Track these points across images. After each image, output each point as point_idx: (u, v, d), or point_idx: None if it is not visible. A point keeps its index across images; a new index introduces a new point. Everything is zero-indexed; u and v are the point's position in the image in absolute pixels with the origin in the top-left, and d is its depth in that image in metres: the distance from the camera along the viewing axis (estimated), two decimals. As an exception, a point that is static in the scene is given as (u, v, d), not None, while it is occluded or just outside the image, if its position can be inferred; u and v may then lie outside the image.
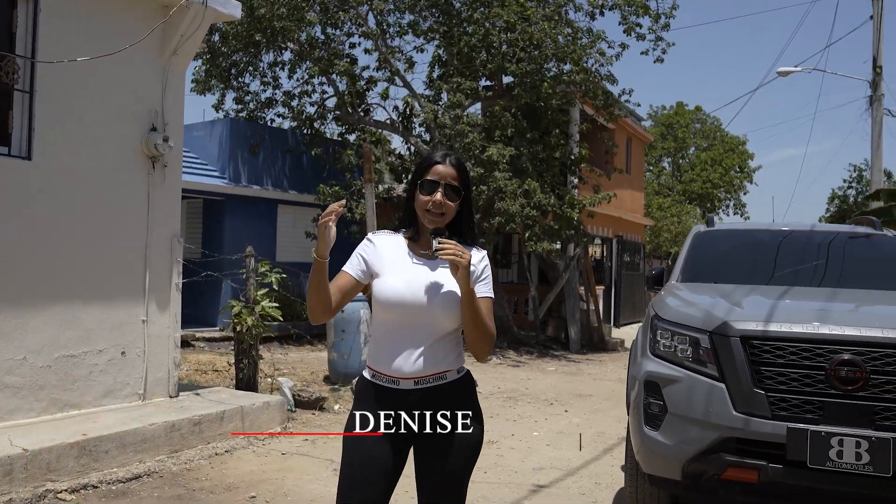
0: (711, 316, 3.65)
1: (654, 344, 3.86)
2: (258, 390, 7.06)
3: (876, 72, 16.53)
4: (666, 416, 3.60)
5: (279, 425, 6.26)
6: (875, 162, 16.92)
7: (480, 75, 13.64)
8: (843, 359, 3.27)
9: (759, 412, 3.34)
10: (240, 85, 15.09)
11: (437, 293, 2.25)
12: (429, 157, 2.35)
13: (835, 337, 3.32)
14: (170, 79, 6.16)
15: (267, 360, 8.22)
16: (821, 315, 3.58)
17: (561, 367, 11.65)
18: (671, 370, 3.66)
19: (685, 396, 3.55)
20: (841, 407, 3.25)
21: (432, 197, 2.27)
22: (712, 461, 3.41)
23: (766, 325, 3.47)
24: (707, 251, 5.21)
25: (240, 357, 7.05)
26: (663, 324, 3.84)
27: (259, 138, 14.17)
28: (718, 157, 37.81)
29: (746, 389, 3.37)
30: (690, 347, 3.63)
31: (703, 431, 3.45)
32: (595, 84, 13.22)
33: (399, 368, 2.24)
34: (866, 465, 3.15)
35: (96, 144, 5.66)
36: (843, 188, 32.81)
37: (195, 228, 13.73)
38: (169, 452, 5.30)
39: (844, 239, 5.12)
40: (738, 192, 38.86)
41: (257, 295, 7.15)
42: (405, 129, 14.20)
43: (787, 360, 3.37)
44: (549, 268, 14.72)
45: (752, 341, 3.44)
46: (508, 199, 12.00)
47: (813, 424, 3.25)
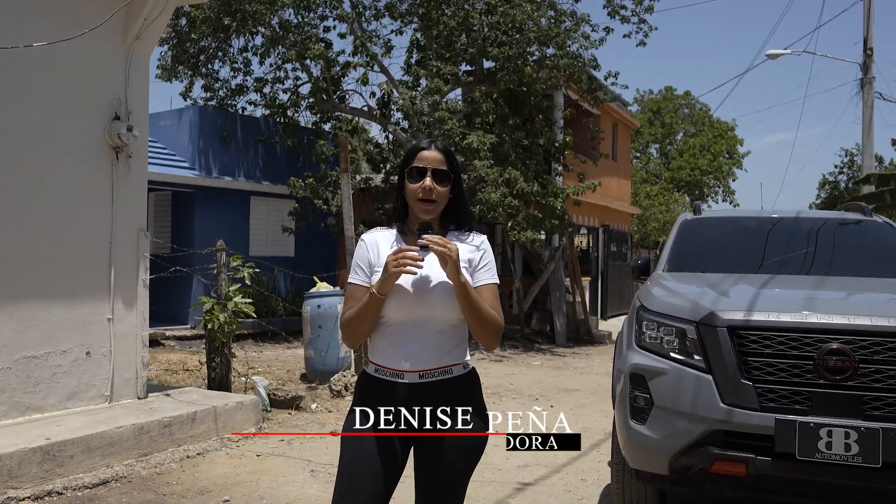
0: (698, 306, 3.68)
1: (639, 335, 3.88)
2: (231, 390, 7.03)
3: (867, 54, 16.70)
4: (652, 410, 3.62)
5: (254, 426, 6.24)
6: (866, 146, 17.11)
7: (460, 60, 13.61)
8: (831, 348, 3.30)
9: (746, 404, 3.37)
10: (209, 72, 14.96)
11: (436, 285, 2.26)
12: (414, 146, 2.38)
13: (823, 326, 3.36)
14: (133, 65, 6.09)
15: (240, 358, 8.18)
16: (809, 303, 3.61)
17: (546, 361, 11.71)
18: (657, 362, 3.68)
19: (672, 389, 3.58)
20: (829, 397, 3.28)
21: (422, 183, 2.30)
22: (700, 455, 3.44)
23: (754, 315, 3.50)
24: (694, 240, 5.23)
25: (212, 355, 7.01)
26: (649, 315, 3.86)
27: (230, 127, 14.06)
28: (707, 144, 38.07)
29: (734, 381, 3.41)
30: (677, 338, 3.66)
31: (690, 424, 3.47)
32: (579, 68, 13.24)
33: (403, 362, 2.27)
34: (855, 455, 3.19)
35: (55, 134, 5.58)
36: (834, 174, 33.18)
37: (164, 222, 13.62)
38: (138, 456, 5.26)
39: (834, 225, 5.18)
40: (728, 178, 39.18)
41: (229, 290, 7.11)
42: (383, 117, 14.15)
43: (775, 350, 3.40)
44: (533, 259, 14.76)
45: (739, 331, 3.47)
46: (490, 187, 12.00)
47: (801, 415, 3.28)
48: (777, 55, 17.88)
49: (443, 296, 2.25)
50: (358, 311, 2.26)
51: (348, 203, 8.63)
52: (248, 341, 12.02)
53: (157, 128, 13.46)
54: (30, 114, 5.42)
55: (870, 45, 16.64)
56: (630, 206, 22.88)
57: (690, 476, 3.50)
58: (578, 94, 14.66)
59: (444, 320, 2.28)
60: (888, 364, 3.26)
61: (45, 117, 5.51)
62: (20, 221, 5.36)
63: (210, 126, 13.83)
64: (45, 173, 5.52)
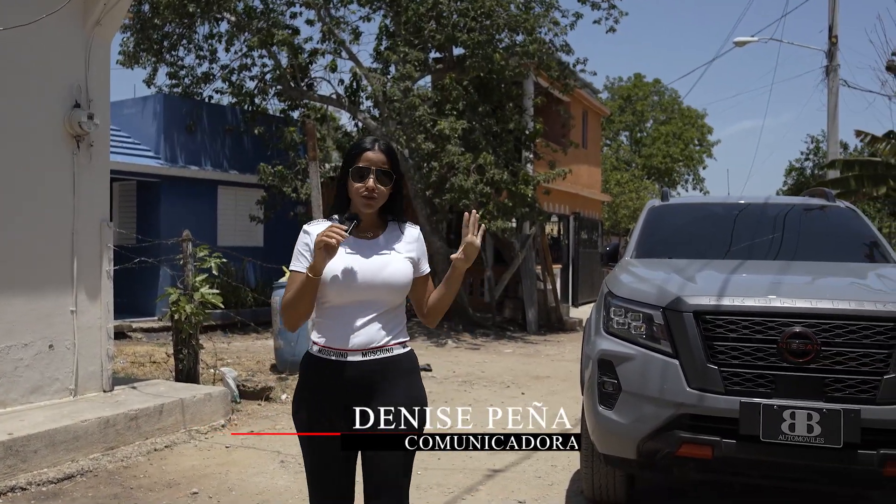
0: (665, 292, 3.73)
1: (607, 321, 3.93)
2: (200, 382, 6.99)
3: (832, 42, 16.95)
4: (620, 395, 3.68)
5: (223, 417, 6.21)
6: (831, 132, 17.40)
7: (430, 47, 13.56)
8: (794, 331, 3.38)
9: (712, 387, 3.44)
10: (173, 59, 14.73)
11: (380, 272, 2.44)
12: (358, 145, 2.50)
13: (786, 310, 3.43)
14: (94, 51, 5.97)
15: (209, 349, 8.11)
16: (773, 288, 3.68)
17: (518, 348, 11.78)
18: (625, 348, 3.74)
19: (639, 374, 3.64)
20: (793, 380, 3.36)
21: (365, 183, 2.45)
22: (667, 438, 3.51)
23: (719, 300, 3.56)
24: (661, 226, 5.30)
25: (179, 347, 6.96)
26: (616, 300, 3.91)
27: (196, 115, 13.89)
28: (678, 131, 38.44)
29: (700, 365, 3.47)
30: (644, 324, 3.72)
31: (657, 409, 3.54)
32: (549, 55, 13.26)
33: (347, 341, 2.41)
34: (818, 437, 3.27)
35: (13, 123, 5.47)
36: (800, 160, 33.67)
37: (129, 212, 13.45)
38: (104, 450, 5.21)
39: (799, 211, 5.27)
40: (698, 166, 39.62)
41: (196, 281, 7.04)
42: (352, 104, 14.07)
43: (740, 334, 3.47)
44: (504, 247, 14.81)
45: (704, 316, 3.53)
46: (461, 174, 12.01)
47: (765, 398, 3.36)
48: (744, 42, 18.10)
49: (387, 281, 2.43)
50: (295, 292, 2.40)
51: (317, 191, 8.57)
52: (217, 332, 11.93)
53: (120, 116, 13.25)
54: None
55: (835, 33, 16.90)
56: (601, 193, 23.03)
57: (658, 460, 3.57)
58: (549, 82, 14.69)
59: (386, 303, 2.45)
60: (849, 346, 3.34)
61: (1, 105, 5.39)
62: (-22, 212, 5.25)
63: (175, 114, 13.65)
64: (2, 163, 5.40)
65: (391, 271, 2.45)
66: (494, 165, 12.37)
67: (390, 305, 2.46)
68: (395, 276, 2.45)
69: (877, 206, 23.34)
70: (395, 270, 2.45)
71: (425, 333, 12.69)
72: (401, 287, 2.46)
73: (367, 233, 2.52)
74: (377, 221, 2.56)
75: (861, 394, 3.29)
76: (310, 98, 14.38)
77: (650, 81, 41.00)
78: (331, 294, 2.42)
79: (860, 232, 5.00)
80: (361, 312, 2.42)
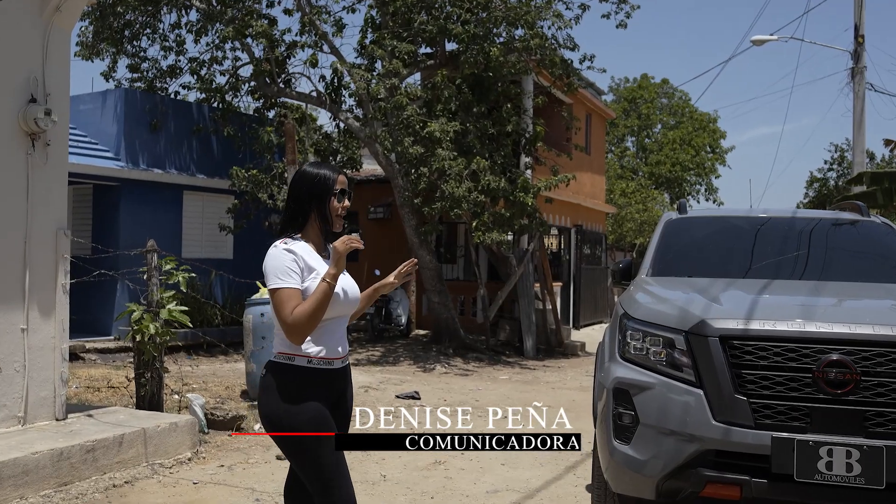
0: (687, 314, 3.73)
1: (623, 346, 3.92)
2: (164, 409, 6.92)
3: (858, 41, 17.13)
4: (638, 428, 3.66)
5: (189, 450, 6.14)
6: (857, 141, 17.53)
7: (419, 40, 13.59)
8: (831, 359, 3.37)
9: (740, 421, 3.42)
10: (135, 50, 14.70)
11: (355, 288, 3.11)
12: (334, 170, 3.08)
13: (823, 335, 3.42)
14: (52, 41, 5.94)
15: (173, 373, 8.05)
16: (807, 311, 3.68)
17: (515, 375, 11.75)
18: (643, 375, 3.73)
19: (659, 405, 3.63)
20: (829, 413, 3.36)
21: (343, 203, 3.06)
22: (690, 477, 3.49)
23: (748, 324, 3.55)
24: (679, 241, 5.31)
25: (141, 371, 6.88)
26: (633, 323, 3.90)
27: (160, 113, 13.83)
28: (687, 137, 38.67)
29: (727, 396, 3.46)
30: (664, 349, 3.71)
31: (679, 444, 3.52)
32: (551, 51, 13.31)
33: (334, 351, 2.99)
34: (857, 476, 3.26)
35: (-38, 119, 5.42)
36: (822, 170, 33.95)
37: (84, 219, 13.34)
38: (56, 486, 5.13)
39: (830, 226, 5.29)
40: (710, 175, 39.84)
41: (162, 297, 6.98)
42: (333, 103, 14.07)
43: (771, 361, 3.46)
44: (499, 262, 14.81)
45: (732, 341, 3.52)
46: (453, 181, 12.00)
47: (800, 433, 3.35)
48: (763, 41, 18.26)
49: (356, 295, 3.10)
50: (317, 304, 2.83)
51: (296, 199, 8.54)
52: (181, 354, 11.83)
53: (76, 112, 13.16)
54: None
55: (861, 32, 17.08)
56: (605, 204, 23.12)
57: (680, 500, 3.55)
58: (550, 81, 14.75)
59: (350, 315, 3.13)
60: (892, 376, 3.34)
61: (-51, 99, 5.34)
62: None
63: (137, 111, 13.59)
64: (-51, 163, 5.35)
65: (357, 289, 3.13)
66: (490, 171, 12.38)
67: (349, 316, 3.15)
68: (357, 289, 3.13)
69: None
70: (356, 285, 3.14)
71: (412, 358, 12.65)
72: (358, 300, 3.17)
73: (324, 252, 3.06)
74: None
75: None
76: (287, 96, 14.37)
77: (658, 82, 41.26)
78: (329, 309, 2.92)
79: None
80: (340, 325, 3.05)
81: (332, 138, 14.59)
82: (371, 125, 12.88)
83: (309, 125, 14.52)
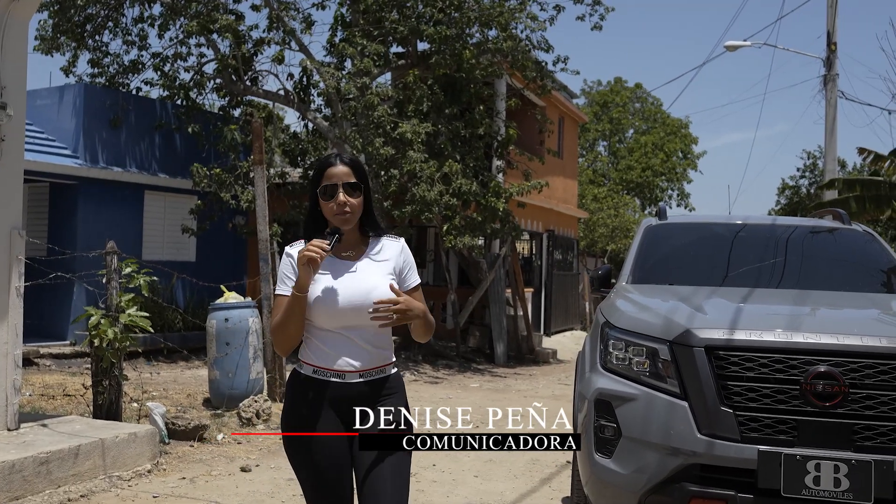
0: (671, 323, 3.70)
1: (605, 356, 3.88)
2: (122, 419, 6.75)
3: (830, 49, 17.37)
4: (620, 441, 3.63)
5: (149, 461, 5.99)
6: (829, 148, 17.77)
7: (391, 40, 13.52)
8: (818, 371, 3.35)
9: (726, 434, 3.39)
10: (97, 44, 14.46)
11: (369, 293, 2.68)
12: (321, 163, 2.78)
13: (810, 346, 3.41)
14: (9, 32, 5.76)
15: (133, 380, 7.85)
16: (793, 321, 3.67)
17: (486, 382, 11.70)
18: (626, 387, 3.69)
19: (642, 417, 3.59)
20: (817, 426, 3.33)
21: (335, 200, 2.70)
22: (674, 492, 3.45)
23: (733, 333, 3.53)
24: (660, 247, 5.29)
25: (99, 378, 6.71)
26: (616, 332, 3.87)
27: (121, 109, 13.59)
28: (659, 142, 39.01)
29: (712, 408, 3.42)
30: (648, 360, 3.68)
31: (662, 458, 3.49)
32: (525, 53, 13.31)
33: (345, 363, 2.70)
34: (846, 491, 3.24)
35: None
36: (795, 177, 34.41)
37: (40, 219, 13.07)
38: (8, 500, 4.96)
39: (812, 234, 5.32)
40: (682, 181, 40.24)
41: (122, 301, 6.82)
42: (301, 102, 13.94)
43: (758, 373, 3.43)
44: (470, 267, 14.77)
45: (717, 352, 3.49)
46: (424, 184, 11.94)
47: (787, 447, 3.33)
48: (736, 46, 18.47)
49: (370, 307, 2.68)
50: (283, 314, 2.69)
51: (262, 199, 8.43)
52: (141, 360, 11.61)
53: (32, 108, 12.86)
54: None
55: (833, 40, 17.33)
56: (577, 209, 23.20)
57: (663, 516, 3.50)
58: (523, 83, 14.76)
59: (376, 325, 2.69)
60: (880, 389, 3.32)
61: None
62: None
63: (97, 107, 13.34)
64: None
65: (378, 295, 2.67)
66: (462, 175, 12.35)
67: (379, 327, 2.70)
68: (382, 295, 2.67)
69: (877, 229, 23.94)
70: (382, 294, 2.67)
71: (381, 364, 12.54)
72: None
73: (349, 252, 2.77)
74: (357, 238, 2.82)
75: (894, 443, 3.26)
76: (254, 94, 14.23)
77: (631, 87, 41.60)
78: (323, 318, 2.69)
79: (879, 258, 5.04)
80: (356, 333, 2.70)
81: (301, 138, 14.45)
82: (340, 125, 12.77)
83: (276, 124, 14.38)
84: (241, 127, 13.56)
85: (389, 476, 2.69)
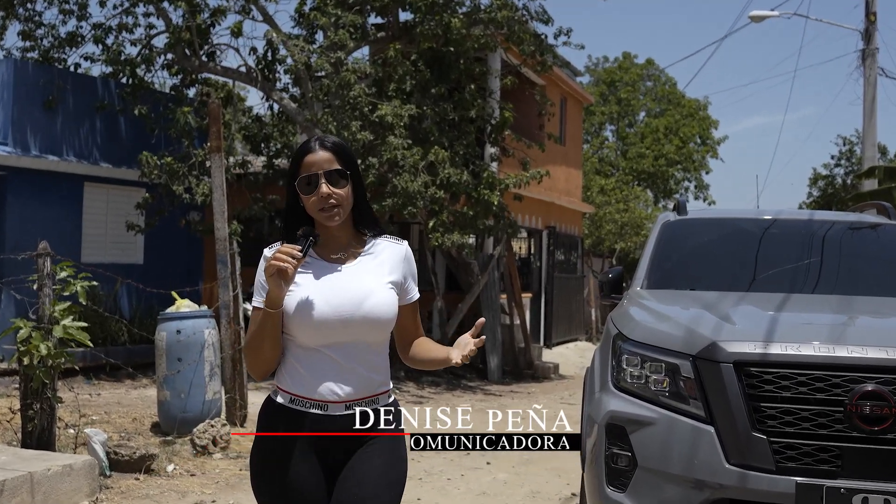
0: (694, 335, 3.70)
1: (617, 373, 3.89)
2: (56, 448, 6.70)
3: (869, 20, 17.46)
4: (635, 472, 3.63)
5: (87, 497, 5.94)
6: (867, 132, 17.88)
7: (369, 9, 13.50)
8: (866, 390, 3.35)
9: (759, 464, 3.40)
10: (28, 13, 14.38)
11: (360, 307, 2.54)
12: (298, 150, 2.64)
13: (856, 361, 3.41)
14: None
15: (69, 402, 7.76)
16: (835, 332, 3.67)
17: (477, 402, 11.69)
18: (642, 409, 3.69)
19: (661, 444, 3.60)
20: (864, 454, 3.34)
21: (317, 193, 2.55)
22: (699, 531, 3.43)
23: (767, 347, 3.54)
24: (679, 246, 5.31)
25: (28, 401, 6.64)
26: (630, 346, 3.88)
27: (57, 89, 13.53)
28: (674, 126, 39.14)
29: (742, 433, 3.43)
30: (667, 377, 3.68)
31: (685, 492, 3.49)
32: (522, 24, 13.30)
33: (327, 390, 2.54)
34: (898, 530, 3.21)
35: None
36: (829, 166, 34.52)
37: (-38, 216, 12.99)
38: (-80, 543, 4.88)
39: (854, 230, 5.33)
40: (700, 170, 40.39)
41: (56, 311, 6.74)
42: (265, 80, 13.89)
43: (796, 392, 3.45)
44: (460, 270, 14.76)
45: (748, 368, 3.49)
46: (407, 174, 11.91)
47: (829, 478, 3.32)
48: (762, 17, 18.53)
49: (371, 312, 2.54)
50: (254, 333, 2.55)
51: (220, 192, 8.37)
52: (79, 378, 11.49)
53: (-47, 87, 12.83)
54: None
55: (873, 9, 17.41)
56: (581, 202, 23.27)
57: (686, 559, 3.48)
58: (520, 58, 14.77)
59: (369, 340, 2.57)
60: (937, 411, 3.29)
61: None
62: None
63: (29, 86, 13.29)
64: None
65: (372, 304, 2.54)
66: (450, 163, 12.35)
67: (373, 342, 2.59)
68: (378, 309, 2.54)
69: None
70: (378, 303, 2.55)
71: (357, 381, 12.51)
72: (386, 323, 2.58)
73: (339, 253, 2.62)
74: (350, 237, 2.66)
75: (953, 473, 3.25)
76: (211, 71, 14.20)
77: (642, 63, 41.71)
78: (303, 332, 2.53)
79: (931, 258, 5.02)
80: (343, 353, 2.54)
81: (264, 122, 14.39)
82: (311, 107, 12.73)
83: (236, 106, 14.35)
84: (196, 109, 13.52)
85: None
